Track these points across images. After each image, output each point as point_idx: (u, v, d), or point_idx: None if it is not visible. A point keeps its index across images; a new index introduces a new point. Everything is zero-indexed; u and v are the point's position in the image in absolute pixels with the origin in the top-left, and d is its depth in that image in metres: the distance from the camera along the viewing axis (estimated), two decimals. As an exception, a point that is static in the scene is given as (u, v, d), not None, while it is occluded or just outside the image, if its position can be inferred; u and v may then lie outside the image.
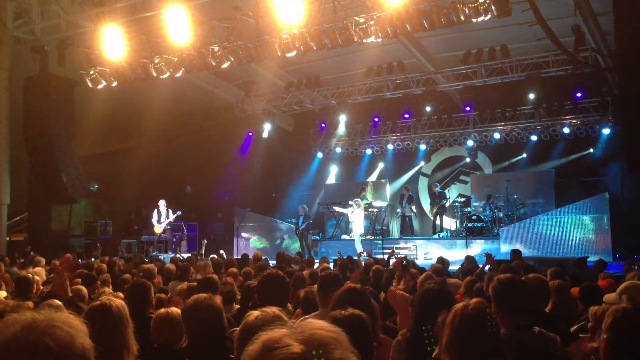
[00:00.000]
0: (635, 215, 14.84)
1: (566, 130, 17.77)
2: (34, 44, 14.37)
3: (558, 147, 18.32)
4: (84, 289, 5.63)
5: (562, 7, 12.61)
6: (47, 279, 8.01)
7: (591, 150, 17.66)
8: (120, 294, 5.57)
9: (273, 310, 2.89)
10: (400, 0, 10.49)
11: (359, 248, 16.06)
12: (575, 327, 3.86)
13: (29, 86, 14.50)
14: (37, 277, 6.57)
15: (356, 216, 16.77)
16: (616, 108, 16.25)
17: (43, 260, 9.87)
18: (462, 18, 10.61)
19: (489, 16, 10.42)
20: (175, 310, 3.41)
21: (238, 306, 5.39)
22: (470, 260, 9.74)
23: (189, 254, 14.14)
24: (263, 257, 11.10)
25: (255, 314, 2.88)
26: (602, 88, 16.56)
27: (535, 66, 15.54)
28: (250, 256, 11.90)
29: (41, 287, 6.70)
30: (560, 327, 4.00)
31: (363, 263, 10.69)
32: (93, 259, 12.46)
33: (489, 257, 8.51)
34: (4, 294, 6.34)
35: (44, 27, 14.28)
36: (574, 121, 17.76)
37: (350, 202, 17.19)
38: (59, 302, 4.40)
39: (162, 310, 3.40)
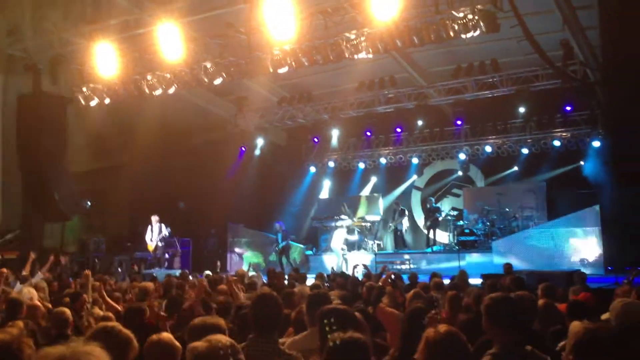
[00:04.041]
0: (625, 227, 14.89)
1: (557, 143, 17.94)
2: (26, 62, 14.38)
3: (549, 160, 18.45)
4: (67, 313, 5.41)
5: (551, 22, 12.72)
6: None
7: (582, 162, 17.77)
8: (110, 314, 5.55)
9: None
10: (390, 17, 10.53)
11: (334, 260, 16.65)
12: (562, 343, 3.89)
13: (21, 104, 14.46)
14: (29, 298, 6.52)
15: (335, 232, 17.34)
16: (605, 121, 16.40)
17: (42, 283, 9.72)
18: (452, 34, 10.70)
19: (477, 32, 10.50)
20: (167, 335, 3.28)
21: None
22: (461, 275, 9.75)
23: (180, 270, 14.11)
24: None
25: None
26: (592, 101, 16.69)
27: (525, 80, 15.70)
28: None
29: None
30: (548, 346, 4.03)
31: (359, 277, 10.69)
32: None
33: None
34: None
35: (36, 45, 14.28)
36: (564, 134, 17.92)
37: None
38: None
39: (154, 336, 3.26)
